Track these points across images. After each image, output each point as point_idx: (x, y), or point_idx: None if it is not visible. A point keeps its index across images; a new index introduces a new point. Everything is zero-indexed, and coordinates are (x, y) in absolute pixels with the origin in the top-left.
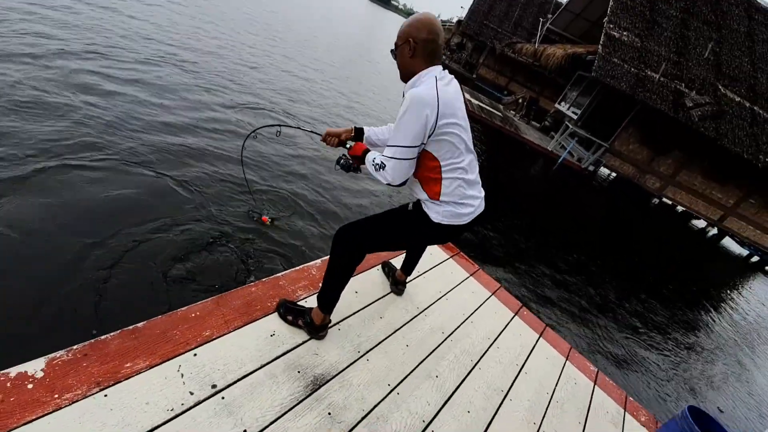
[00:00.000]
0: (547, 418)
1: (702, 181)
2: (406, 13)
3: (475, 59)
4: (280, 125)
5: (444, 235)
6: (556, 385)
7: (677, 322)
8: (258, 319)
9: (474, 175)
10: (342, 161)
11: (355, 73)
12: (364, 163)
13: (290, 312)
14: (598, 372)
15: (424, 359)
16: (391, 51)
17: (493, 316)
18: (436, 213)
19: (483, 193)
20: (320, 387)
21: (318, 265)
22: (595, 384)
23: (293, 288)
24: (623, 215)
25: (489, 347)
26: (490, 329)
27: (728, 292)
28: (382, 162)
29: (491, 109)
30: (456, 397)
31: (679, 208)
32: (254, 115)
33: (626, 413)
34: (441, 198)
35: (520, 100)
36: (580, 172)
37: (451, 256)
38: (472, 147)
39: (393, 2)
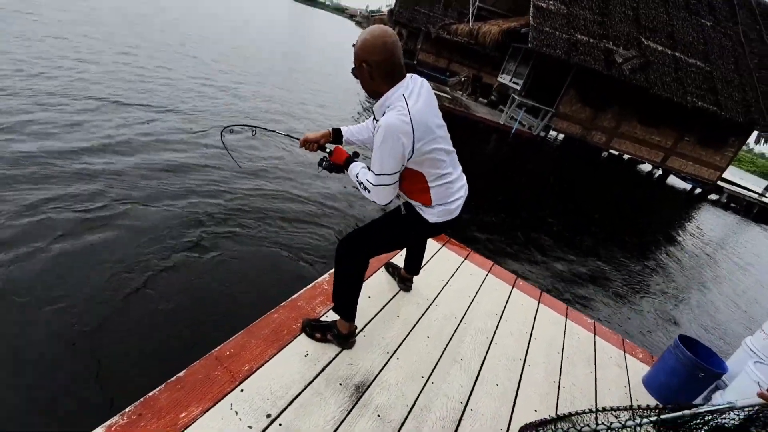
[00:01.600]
0: (563, 375)
1: (641, 129)
2: (334, 8)
3: (413, 45)
4: (255, 127)
5: (441, 229)
6: (564, 343)
7: (643, 262)
8: (289, 343)
9: (457, 171)
10: (324, 164)
11: (301, 78)
12: (346, 172)
13: (316, 329)
14: (594, 323)
15: (446, 346)
16: (352, 70)
17: (494, 292)
18: (431, 215)
19: (464, 179)
20: (363, 393)
21: (328, 279)
22: (594, 334)
23: (312, 306)
24: (577, 172)
25: (498, 322)
26: (495, 305)
27: (681, 224)
28: (365, 185)
29: (439, 93)
30: (483, 374)
31: (626, 157)
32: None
33: (626, 354)
34: (432, 204)
35: (464, 79)
36: (532, 138)
37: (443, 245)
38: (450, 144)
39: (320, 0)
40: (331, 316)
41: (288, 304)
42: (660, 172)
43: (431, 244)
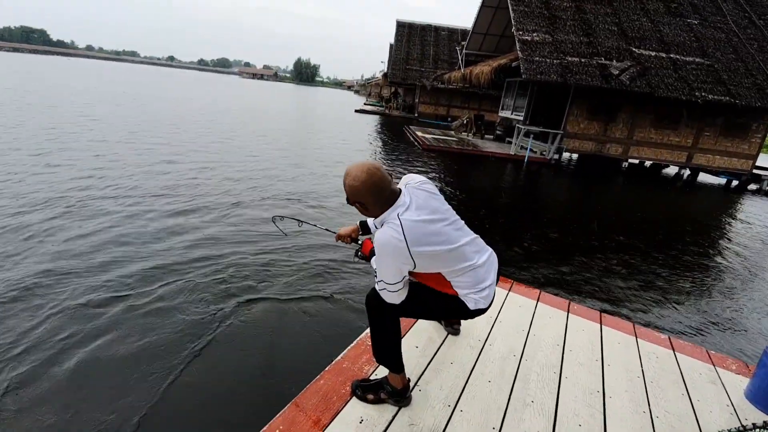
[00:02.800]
0: (653, 403)
1: (656, 133)
2: (333, 83)
3: (411, 101)
4: (300, 221)
5: (479, 313)
6: (642, 366)
7: (695, 266)
8: (341, 410)
9: (482, 256)
10: (359, 254)
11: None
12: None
13: (368, 390)
14: (670, 338)
15: (512, 388)
16: (347, 200)
17: (549, 321)
18: (473, 301)
19: (492, 257)
20: None
21: (369, 334)
22: (673, 350)
23: (358, 365)
24: (599, 188)
25: (563, 353)
26: (554, 335)
27: (726, 221)
28: (377, 282)
29: (445, 137)
30: (561, 414)
31: (648, 163)
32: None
33: (716, 367)
34: (462, 293)
35: (466, 121)
36: (547, 163)
37: None
38: (465, 235)
39: (317, 79)
40: (381, 373)
41: (333, 367)
42: (688, 171)
43: None
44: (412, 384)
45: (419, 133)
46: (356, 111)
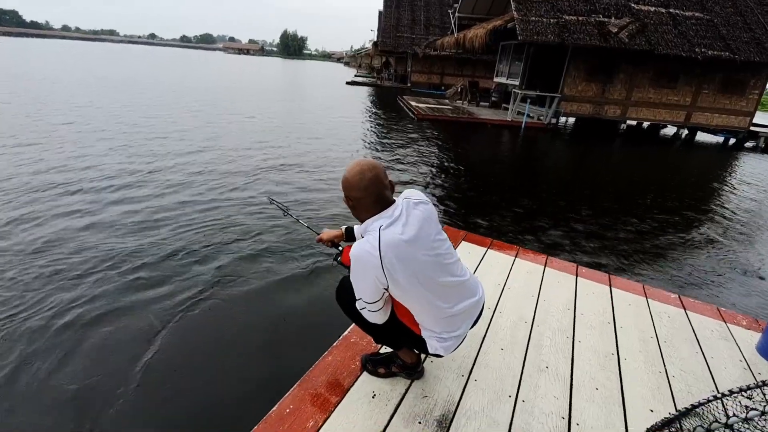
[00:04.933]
0: (667, 362)
1: (655, 92)
2: (321, 55)
3: (403, 70)
4: (286, 211)
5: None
6: (654, 326)
7: (697, 224)
8: (352, 386)
9: (460, 303)
10: (338, 259)
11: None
12: None
13: (378, 364)
14: (680, 296)
15: (525, 355)
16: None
17: (558, 286)
18: (432, 347)
19: (474, 298)
20: (449, 427)
21: None
22: (684, 309)
23: (367, 339)
24: (598, 151)
25: (574, 317)
26: (564, 299)
27: (724, 179)
28: (356, 300)
29: (440, 106)
30: (576, 378)
31: (645, 124)
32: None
33: (727, 324)
34: (425, 334)
35: (461, 88)
36: (544, 128)
37: (488, 248)
38: (446, 271)
39: (305, 52)
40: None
41: (340, 343)
42: (686, 131)
43: (475, 249)
44: (423, 356)
45: (413, 103)
46: (347, 83)
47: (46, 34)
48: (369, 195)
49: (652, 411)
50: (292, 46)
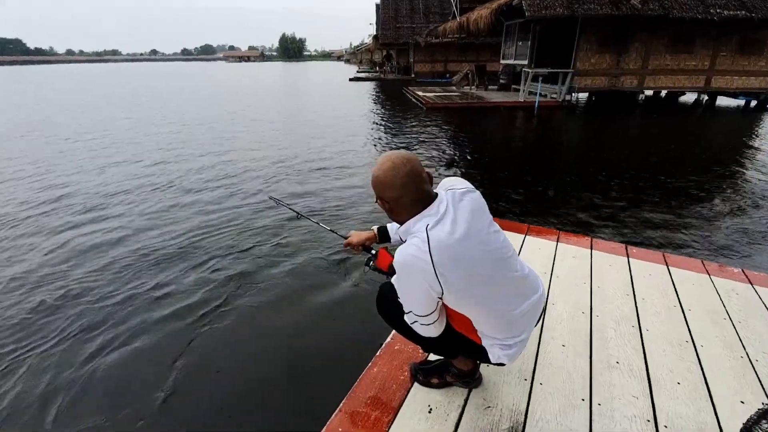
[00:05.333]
0: (748, 346)
1: (672, 59)
2: (321, 55)
3: (405, 61)
4: (299, 214)
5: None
6: (725, 307)
7: (732, 193)
8: (405, 401)
9: (525, 302)
10: (372, 264)
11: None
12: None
13: (431, 373)
14: (744, 271)
15: (591, 351)
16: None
17: (609, 270)
18: (495, 356)
19: (536, 295)
20: None
21: None
22: (751, 284)
23: (412, 346)
24: (618, 124)
25: (635, 303)
26: (620, 283)
27: (750, 142)
28: (405, 313)
29: (448, 94)
30: (654, 373)
31: (663, 93)
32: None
33: None
34: (486, 343)
35: (467, 73)
36: (559, 106)
37: (525, 234)
38: (506, 266)
39: (305, 53)
40: None
41: (384, 352)
42: (706, 96)
43: (512, 237)
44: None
45: (420, 93)
46: (351, 80)
47: (51, 60)
48: (407, 192)
49: (743, 402)
50: (291, 49)
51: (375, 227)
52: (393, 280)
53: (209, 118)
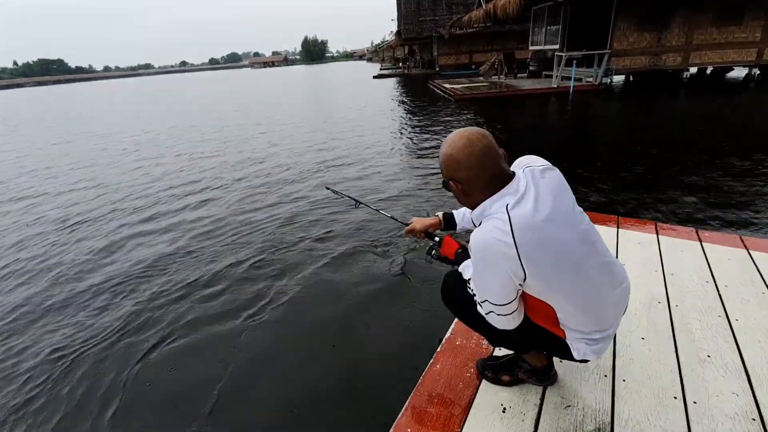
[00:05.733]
0: None
1: (719, 32)
2: (344, 56)
3: (428, 55)
4: (358, 201)
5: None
6: None
7: None
8: (474, 400)
9: (606, 284)
10: (434, 253)
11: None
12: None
13: (500, 370)
14: None
15: (675, 344)
16: (443, 183)
17: (683, 255)
18: (579, 351)
19: (624, 284)
20: None
21: None
22: None
23: (474, 340)
24: (663, 105)
25: (717, 289)
26: (697, 269)
27: None
28: (478, 303)
29: (476, 84)
30: (750, 367)
31: (708, 70)
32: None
33: None
34: (570, 337)
35: (495, 62)
36: (596, 90)
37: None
38: (593, 249)
39: (327, 55)
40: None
41: (445, 347)
42: (758, 71)
43: None
44: None
45: (447, 86)
46: (375, 77)
47: (90, 77)
48: (483, 171)
49: None
50: (314, 51)
51: (440, 213)
52: (462, 268)
53: (267, 119)
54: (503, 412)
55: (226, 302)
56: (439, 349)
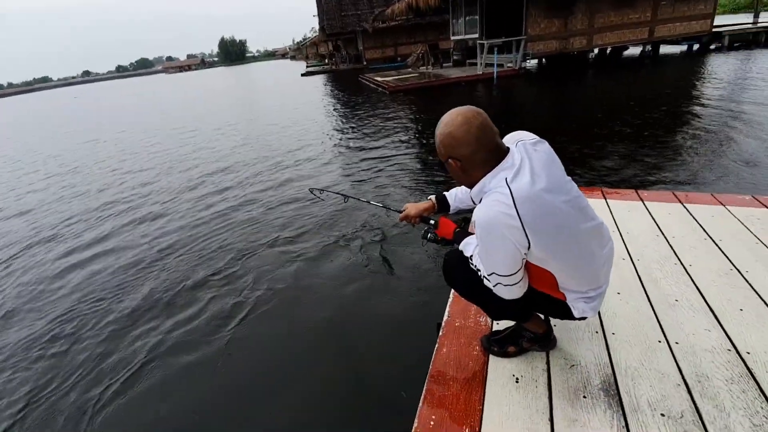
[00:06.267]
0: None
1: (616, 15)
2: (265, 55)
3: (354, 50)
4: (347, 195)
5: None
6: (752, 232)
7: (682, 133)
8: (486, 377)
9: (602, 249)
10: (430, 236)
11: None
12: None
13: (505, 342)
14: (754, 197)
15: (647, 294)
16: (440, 159)
17: (629, 214)
18: (579, 310)
19: (610, 243)
20: (619, 394)
21: None
22: (766, 208)
23: (472, 318)
24: (574, 83)
25: (668, 241)
26: (647, 226)
27: (698, 85)
28: (483, 276)
29: (406, 76)
30: (714, 305)
31: (608, 50)
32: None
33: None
34: (570, 298)
35: (421, 54)
36: (517, 74)
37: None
38: (584, 215)
39: (248, 55)
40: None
41: (446, 331)
42: (649, 47)
43: None
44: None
45: (379, 79)
46: (303, 75)
47: None
48: (481, 147)
49: None
50: (233, 52)
51: (432, 196)
52: (463, 245)
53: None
54: (516, 382)
55: (206, 320)
56: (440, 333)
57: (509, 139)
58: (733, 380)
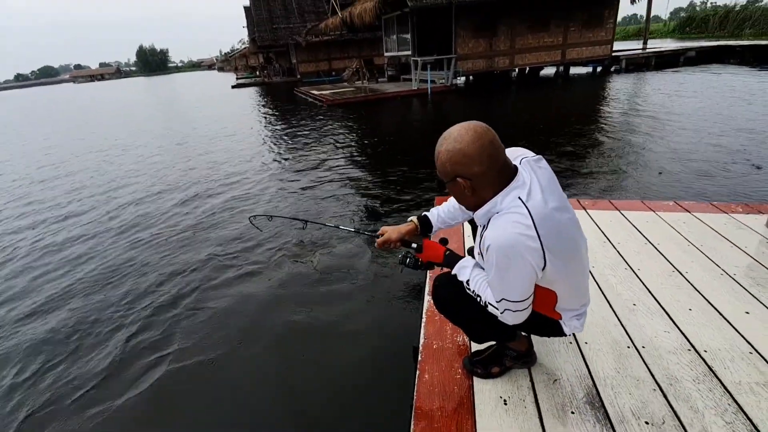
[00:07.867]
0: (722, 264)
1: (533, 37)
2: (189, 66)
3: (287, 63)
4: (306, 221)
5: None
6: (682, 235)
7: (603, 144)
8: (474, 401)
9: (587, 259)
10: (409, 261)
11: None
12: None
13: (489, 363)
14: (676, 202)
15: (608, 301)
16: (440, 182)
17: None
18: (570, 327)
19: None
20: (603, 406)
21: None
22: (690, 213)
23: (450, 339)
24: (500, 99)
25: (614, 247)
26: (592, 234)
27: (601, 101)
28: (486, 303)
29: (342, 90)
30: (668, 306)
31: (526, 70)
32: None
33: (732, 215)
34: (565, 317)
35: (356, 69)
36: (449, 90)
37: None
38: (580, 230)
39: (170, 65)
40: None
41: (425, 355)
42: (562, 68)
43: None
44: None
45: (316, 92)
46: (234, 87)
47: None
48: (493, 164)
49: (747, 313)
50: (153, 62)
51: (413, 218)
52: (457, 269)
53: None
54: (505, 404)
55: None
56: (420, 358)
57: (510, 156)
58: (698, 380)
